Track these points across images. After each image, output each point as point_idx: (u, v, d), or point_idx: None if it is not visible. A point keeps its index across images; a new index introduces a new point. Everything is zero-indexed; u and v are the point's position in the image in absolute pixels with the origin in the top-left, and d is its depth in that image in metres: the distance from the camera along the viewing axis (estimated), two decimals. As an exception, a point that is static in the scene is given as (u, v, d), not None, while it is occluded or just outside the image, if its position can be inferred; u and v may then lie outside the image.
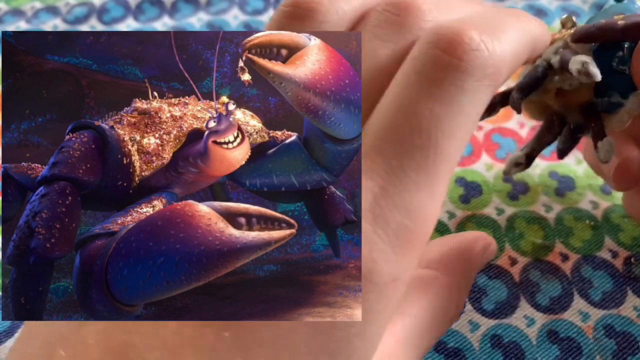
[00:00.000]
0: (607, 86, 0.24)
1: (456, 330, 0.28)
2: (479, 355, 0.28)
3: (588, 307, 0.29)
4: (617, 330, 0.28)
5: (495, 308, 0.29)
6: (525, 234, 0.32)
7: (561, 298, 0.30)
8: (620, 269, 0.31)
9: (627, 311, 0.29)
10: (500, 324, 0.29)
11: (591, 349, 0.28)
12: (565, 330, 0.28)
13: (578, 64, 0.22)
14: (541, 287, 0.30)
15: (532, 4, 0.47)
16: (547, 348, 0.28)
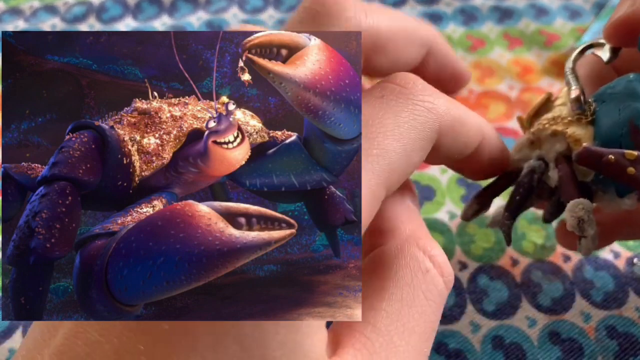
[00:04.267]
0: (606, 180, 0.22)
1: (457, 331, 0.28)
2: (480, 356, 0.27)
3: (590, 308, 0.29)
4: (619, 331, 0.28)
5: (496, 309, 0.29)
6: (527, 234, 0.32)
7: (563, 299, 0.29)
8: (622, 270, 0.31)
9: (629, 312, 0.29)
10: (502, 325, 0.29)
11: (593, 349, 0.28)
12: (566, 331, 0.28)
13: (574, 220, 0.21)
14: (543, 287, 0.30)
15: (534, 3, 0.47)
16: (549, 349, 0.28)
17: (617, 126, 0.21)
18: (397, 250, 0.20)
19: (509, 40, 0.44)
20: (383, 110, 0.20)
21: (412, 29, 0.25)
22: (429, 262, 0.20)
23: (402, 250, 0.20)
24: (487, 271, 0.31)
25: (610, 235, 0.29)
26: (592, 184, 0.23)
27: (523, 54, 0.43)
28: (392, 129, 0.20)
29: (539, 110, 0.25)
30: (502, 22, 0.46)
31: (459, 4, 0.47)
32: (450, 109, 0.21)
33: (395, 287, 0.19)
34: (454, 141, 0.22)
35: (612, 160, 0.20)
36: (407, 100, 0.20)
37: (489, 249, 0.32)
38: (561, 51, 0.43)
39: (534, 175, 0.24)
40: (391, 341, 0.18)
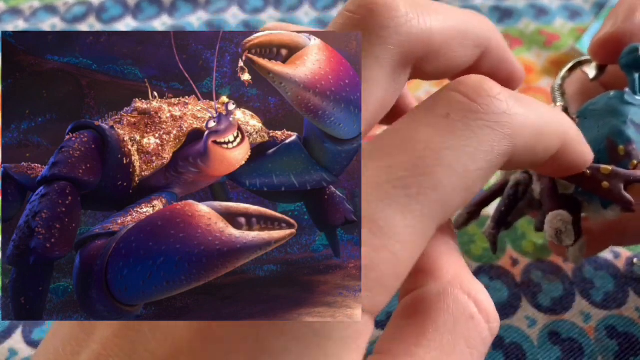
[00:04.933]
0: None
1: (457, 331, 0.28)
2: (480, 355, 0.27)
3: (590, 308, 0.29)
4: (619, 331, 0.28)
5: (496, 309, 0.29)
6: (527, 234, 0.32)
7: (563, 299, 0.30)
8: (622, 270, 0.31)
9: (629, 312, 0.29)
10: (502, 325, 0.29)
11: (593, 349, 0.28)
12: (566, 331, 0.28)
13: (552, 231, 0.22)
14: (543, 287, 0.30)
15: (534, 3, 0.47)
16: (549, 349, 0.28)
17: (596, 142, 0.22)
18: (439, 293, 0.18)
19: (509, 40, 0.44)
20: (448, 136, 0.17)
21: (468, 28, 0.22)
22: (474, 307, 0.18)
23: (444, 293, 0.18)
24: (487, 271, 0.31)
25: (601, 242, 0.29)
26: (578, 196, 0.23)
27: (523, 54, 0.43)
28: (456, 163, 0.17)
29: None
30: (502, 22, 0.46)
31: (459, 4, 0.47)
32: (528, 118, 0.18)
33: (436, 333, 0.17)
34: (528, 155, 0.19)
35: (588, 174, 0.21)
36: (478, 120, 0.17)
37: (489, 249, 0.32)
38: (561, 51, 0.43)
39: (519, 187, 0.25)
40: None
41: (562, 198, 0.23)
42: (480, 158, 0.17)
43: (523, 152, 0.18)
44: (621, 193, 0.21)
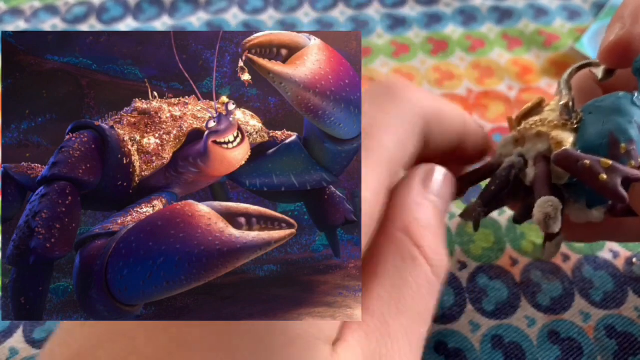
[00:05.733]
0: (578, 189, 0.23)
1: (457, 331, 0.28)
2: (480, 355, 0.27)
3: (589, 308, 0.29)
4: (618, 330, 0.28)
5: (495, 308, 0.29)
6: (527, 234, 0.32)
7: (562, 298, 0.30)
8: (622, 269, 0.31)
9: (628, 311, 0.29)
10: (501, 325, 0.29)
11: (592, 349, 0.28)
12: (566, 330, 0.28)
13: (541, 215, 0.22)
14: (542, 287, 0.30)
15: (533, 3, 0.47)
16: (548, 348, 0.28)
17: (599, 136, 0.22)
18: (388, 238, 0.22)
19: (509, 40, 0.44)
20: (375, 109, 0.23)
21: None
22: (416, 250, 0.21)
23: (391, 239, 0.22)
24: (487, 271, 0.31)
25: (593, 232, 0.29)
26: (565, 192, 0.23)
27: (522, 55, 0.43)
28: (386, 124, 0.22)
29: (529, 113, 0.26)
30: (502, 22, 0.46)
31: (459, 5, 0.47)
32: (431, 100, 0.25)
33: (386, 273, 0.21)
34: (440, 128, 0.25)
35: (587, 165, 0.21)
36: (395, 98, 0.24)
37: (489, 248, 0.32)
38: (560, 52, 0.43)
39: (512, 170, 0.25)
40: (385, 322, 0.20)
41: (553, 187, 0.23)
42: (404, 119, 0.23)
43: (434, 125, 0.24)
44: (617, 188, 0.21)
